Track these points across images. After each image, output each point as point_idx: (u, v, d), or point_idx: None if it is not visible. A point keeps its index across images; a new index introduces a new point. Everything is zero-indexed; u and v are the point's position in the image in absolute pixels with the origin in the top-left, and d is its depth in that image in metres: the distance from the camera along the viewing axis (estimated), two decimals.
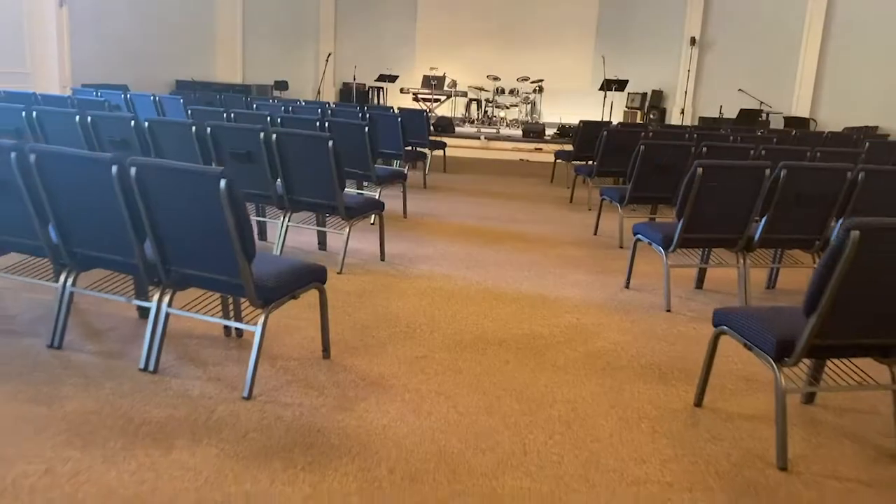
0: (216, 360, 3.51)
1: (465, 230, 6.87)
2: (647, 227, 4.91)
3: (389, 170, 7.17)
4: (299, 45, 16.91)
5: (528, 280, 5.24)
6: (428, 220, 7.26)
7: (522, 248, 6.24)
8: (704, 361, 3.30)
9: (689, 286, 5.28)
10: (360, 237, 6.09)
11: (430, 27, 17.65)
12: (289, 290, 3.27)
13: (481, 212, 7.85)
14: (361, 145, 6.65)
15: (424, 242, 6.26)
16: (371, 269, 5.28)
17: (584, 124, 9.64)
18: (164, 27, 14.20)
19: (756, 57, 15.28)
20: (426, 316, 4.33)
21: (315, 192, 5.15)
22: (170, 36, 14.35)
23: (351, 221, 5.16)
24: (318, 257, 5.54)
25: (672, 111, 16.41)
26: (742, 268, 4.81)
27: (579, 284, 5.21)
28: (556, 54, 17.07)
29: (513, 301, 4.72)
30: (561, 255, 6.10)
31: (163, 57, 14.23)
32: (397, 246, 6.04)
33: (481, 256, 5.88)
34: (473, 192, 9.09)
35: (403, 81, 16.29)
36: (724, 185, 4.55)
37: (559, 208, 8.33)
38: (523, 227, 7.18)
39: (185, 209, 3.08)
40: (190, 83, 13.92)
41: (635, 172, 6.26)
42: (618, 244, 6.51)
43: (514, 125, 15.48)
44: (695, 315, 4.65)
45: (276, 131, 5.07)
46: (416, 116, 10.10)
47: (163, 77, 14.31)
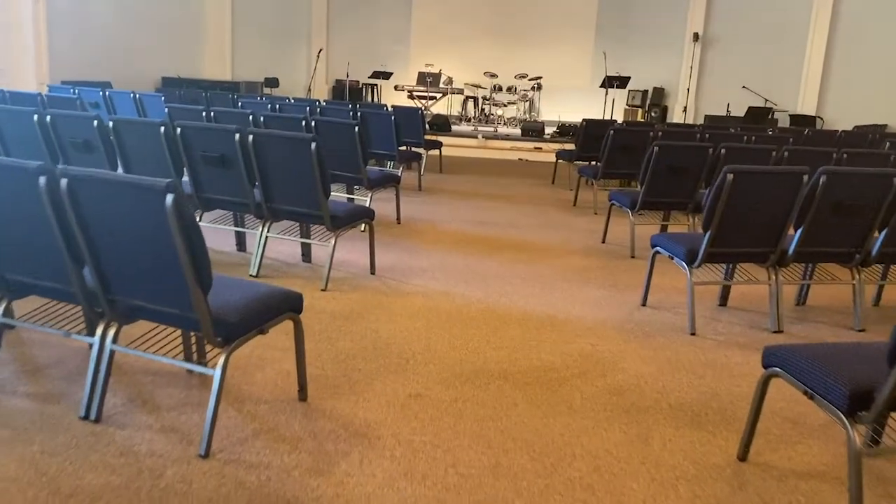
0: (174, 403, 2.96)
1: (463, 237, 6.32)
2: (668, 240, 4.37)
3: (382, 172, 6.61)
4: (291, 42, 16.32)
5: (534, 297, 4.69)
6: (423, 226, 6.71)
7: (526, 259, 5.69)
8: (751, 408, 2.75)
9: (711, 303, 4.74)
10: (350, 247, 5.54)
11: (425, 22, 17.07)
12: (255, 325, 2.71)
13: (480, 216, 7.30)
14: (351, 146, 6.10)
15: (419, 252, 5.71)
16: (360, 285, 4.72)
17: (588, 123, 9.09)
18: (150, 22, 13.61)
19: (760, 53, 14.75)
20: (421, 342, 3.78)
21: (297, 200, 4.59)
22: (156, 31, 13.76)
23: (337, 232, 4.61)
24: (301, 270, 4.98)
25: (674, 109, 15.87)
26: (774, 284, 4.27)
27: (591, 302, 4.66)
28: (554, 51, 16.52)
29: (518, 323, 4.17)
30: (568, 266, 5.55)
31: (148, 53, 13.64)
32: (390, 256, 5.49)
33: (482, 268, 5.33)
34: (471, 195, 8.54)
35: (398, 79, 15.73)
36: (757, 193, 4.00)
37: (563, 212, 7.78)
38: (525, 233, 6.63)
39: (129, 229, 2.52)
40: (176, 80, 13.32)
41: (648, 176, 5.72)
42: (629, 253, 5.97)
43: (512, 123, 14.93)
44: (723, 339, 4.10)
45: (254, 133, 4.51)
46: (411, 115, 9.54)
47: (148, 74, 13.73)
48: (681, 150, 5.77)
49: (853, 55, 14.04)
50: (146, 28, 13.46)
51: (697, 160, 5.77)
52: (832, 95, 14.39)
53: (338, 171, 6.38)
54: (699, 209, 5.97)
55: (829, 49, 14.25)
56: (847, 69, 14.15)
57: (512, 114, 15.34)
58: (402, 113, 9.61)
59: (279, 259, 5.23)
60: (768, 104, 14.37)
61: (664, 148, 5.66)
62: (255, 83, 14.67)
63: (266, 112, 7.82)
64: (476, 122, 14.96)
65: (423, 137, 9.64)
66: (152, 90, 12.79)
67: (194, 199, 4.89)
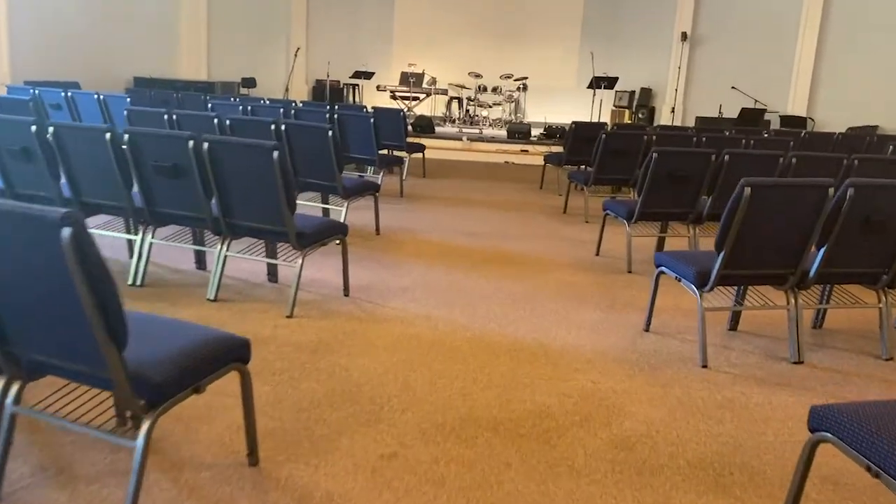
0: (95, 472, 2.42)
1: (446, 250, 5.80)
2: (675, 259, 3.88)
3: (359, 181, 6.08)
4: (269, 40, 15.72)
5: (524, 320, 4.19)
6: (404, 236, 6.19)
7: (514, 274, 5.19)
8: (795, 479, 2.25)
9: (721, 327, 4.25)
10: (322, 263, 5.00)
11: (408, 21, 16.54)
12: (189, 383, 2.18)
13: (465, 225, 6.78)
14: (325, 153, 5.57)
15: (399, 268, 5.19)
16: (331, 310, 4.19)
17: (577, 126, 8.61)
18: (122, 20, 12.98)
19: (750, 53, 14.33)
20: (398, 382, 3.26)
21: (258, 216, 4.05)
22: (128, 30, 13.13)
23: (304, 251, 4.08)
24: (266, 292, 4.45)
25: (661, 110, 15.43)
26: (793, 309, 3.79)
27: (588, 326, 4.16)
28: (540, 50, 16.04)
29: (508, 354, 3.67)
30: (560, 282, 5.05)
31: (120, 52, 13.01)
32: (366, 274, 4.97)
33: (467, 286, 4.82)
34: (456, 201, 8.03)
35: (380, 78, 15.19)
36: (777, 208, 3.52)
37: (552, 220, 7.29)
38: (513, 244, 6.13)
39: (22, 269, 1.99)
40: (148, 80, 12.71)
41: (646, 185, 5.24)
42: (625, 267, 5.48)
43: (497, 125, 14.43)
44: (738, 372, 3.61)
45: (209, 140, 3.97)
46: (392, 116, 9.02)
47: (120, 74, 13.10)
48: (681, 156, 5.29)
49: (843, 55, 13.66)
50: (118, 26, 12.83)
51: (699, 168, 5.29)
52: (822, 96, 14.02)
53: (311, 180, 5.85)
54: (700, 220, 5.51)
55: (819, 49, 13.87)
56: (837, 70, 13.78)
57: (497, 115, 14.84)
58: (382, 115, 9.09)
59: (242, 278, 4.69)
60: (758, 105, 13.96)
61: (664, 155, 5.18)
62: (231, 83, 14.07)
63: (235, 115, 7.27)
64: (461, 123, 14.46)
65: (405, 140, 9.13)
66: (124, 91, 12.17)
67: (145, 214, 4.34)
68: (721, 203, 5.44)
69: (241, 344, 2.40)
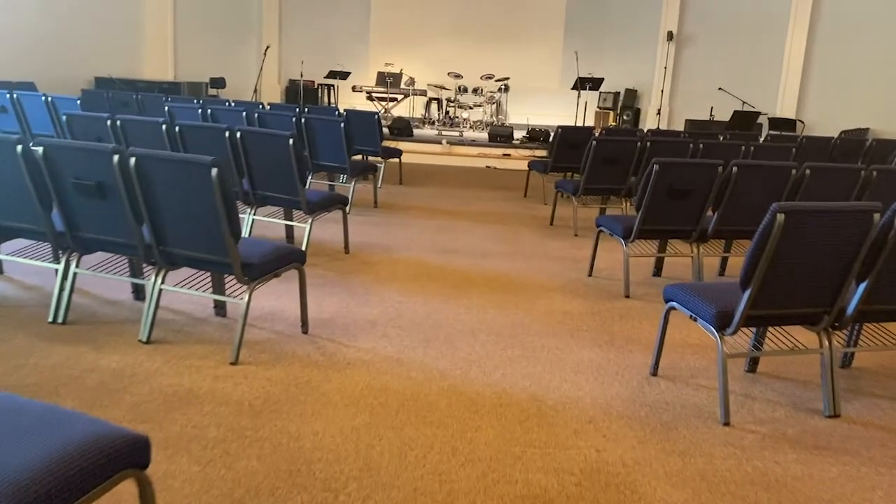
0: None
1: (423, 271, 5.18)
2: (689, 295, 3.28)
3: (325, 194, 5.44)
4: (239, 39, 14.99)
5: (512, 364, 3.58)
6: (377, 255, 5.55)
7: (499, 301, 4.57)
8: None
9: (737, 370, 3.67)
10: (280, 290, 4.36)
11: (385, 19, 15.87)
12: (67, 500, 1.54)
13: (444, 241, 6.17)
14: (285, 163, 4.93)
15: (369, 294, 4.56)
16: (285, 352, 3.55)
17: (563, 130, 8.02)
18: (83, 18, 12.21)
19: (738, 54, 13.86)
20: (359, 457, 2.63)
21: (197, 244, 3.40)
22: (89, 28, 12.35)
23: (252, 286, 3.43)
24: (210, 330, 3.79)
25: (647, 112, 14.92)
26: (827, 353, 3.21)
27: (586, 369, 3.56)
28: (522, 50, 15.46)
29: (494, 411, 3.05)
30: (551, 311, 4.45)
31: (81, 52, 12.22)
32: (331, 302, 4.33)
33: (445, 318, 4.20)
34: (434, 212, 7.41)
35: (356, 79, 14.53)
36: (814, 237, 2.94)
37: (538, 234, 6.68)
38: (498, 263, 5.52)
39: None
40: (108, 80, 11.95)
41: (647, 200, 4.65)
42: (623, 291, 4.88)
43: (478, 127, 13.82)
44: (766, 430, 3.03)
45: (137, 154, 3.31)
46: (366, 120, 8.38)
47: (81, 74, 12.30)
48: (685, 168, 4.71)
49: (833, 56, 13.23)
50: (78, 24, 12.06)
51: (704, 180, 4.72)
52: (812, 98, 13.58)
53: (271, 193, 5.21)
54: (704, 238, 4.93)
55: (808, 49, 13.42)
56: (827, 71, 13.34)
57: (478, 116, 14.21)
58: (355, 118, 8.46)
59: (186, 311, 4.03)
60: (746, 107, 13.48)
61: (665, 167, 4.59)
62: (199, 84, 13.33)
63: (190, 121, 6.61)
64: (440, 125, 13.83)
65: (380, 145, 8.50)
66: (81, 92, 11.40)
67: (67, 239, 3.67)
68: (729, 219, 4.90)
69: (136, 445, 1.75)
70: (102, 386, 3.05)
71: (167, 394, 3.03)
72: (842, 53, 13.12)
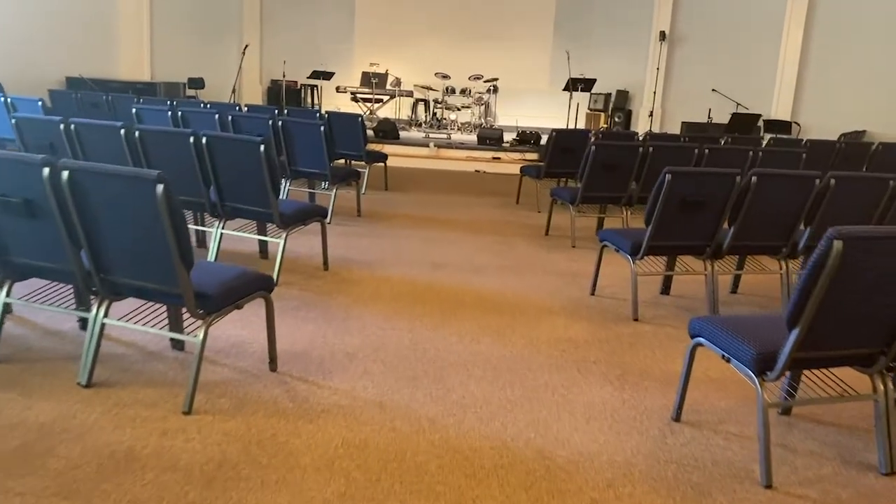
0: None
1: (410, 291, 4.67)
2: (722, 331, 2.78)
3: (301, 206, 4.91)
4: (219, 38, 14.38)
5: (513, 408, 3.07)
6: (358, 272, 5.03)
7: (495, 327, 4.07)
8: None
9: (771, 413, 3.18)
10: (246, 316, 3.83)
11: (370, 17, 15.32)
12: None
13: (432, 254, 5.66)
14: (256, 172, 4.40)
15: (349, 320, 4.04)
16: (248, 397, 3.03)
17: (558, 134, 7.54)
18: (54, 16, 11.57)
19: (732, 54, 13.42)
20: None
21: (142, 271, 2.87)
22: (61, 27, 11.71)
23: (209, 319, 2.91)
24: (164, 368, 3.25)
25: (639, 113, 14.46)
26: (882, 399, 2.73)
27: (599, 415, 3.06)
28: (511, 50, 14.96)
29: (494, 475, 2.54)
30: (554, 338, 3.95)
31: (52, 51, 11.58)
32: (306, 331, 3.81)
33: (435, 348, 3.69)
34: (421, 221, 6.89)
35: (340, 79, 13.97)
36: (875, 267, 2.45)
37: (534, 245, 6.18)
38: (491, 280, 5.01)
39: None
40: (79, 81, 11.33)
41: (658, 213, 4.16)
42: (631, 313, 4.39)
43: (466, 129, 13.31)
44: (815, 495, 2.54)
45: (70, 167, 2.78)
46: (349, 122, 7.87)
47: (52, 74, 11.66)
48: (700, 178, 4.22)
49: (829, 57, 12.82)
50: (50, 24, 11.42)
51: (721, 191, 4.24)
52: (807, 100, 13.16)
53: (240, 205, 4.68)
54: (720, 253, 4.45)
55: (804, 50, 13.01)
56: (823, 72, 12.94)
57: (466, 118, 13.68)
58: (337, 120, 7.94)
59: (139, 344, 3.50)
60: (740, 109, 13.05)
61: (679, 177, 4.10)
62: (176, 84, 12.72)
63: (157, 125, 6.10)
64: (427, 127, 13.31)
65: (364, 149, 7.98)
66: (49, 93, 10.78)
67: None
68: (746, 234, 4.42)
69: None
70: (24, 449, 2.52)
71: (102, 456, 2.50)
72: (837, 54, 12.73)
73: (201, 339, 2.86)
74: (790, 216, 4.43)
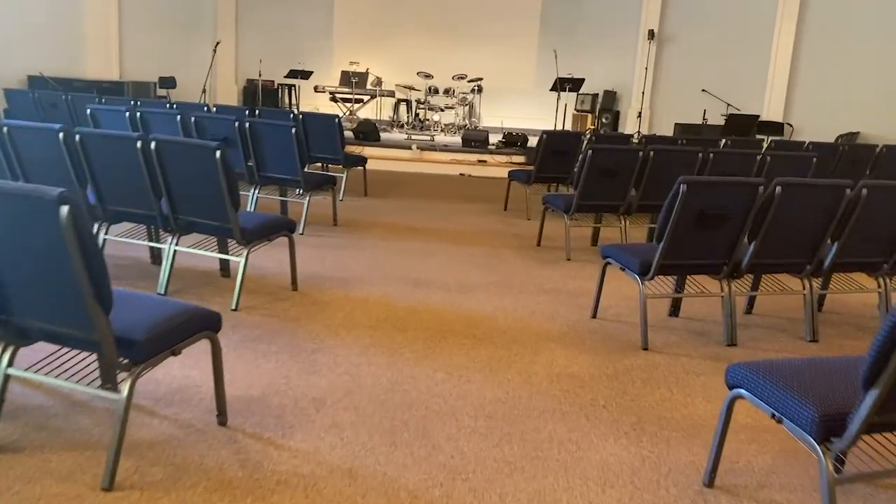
0: None
1: (389, 315, 4.10)
2: (767, 381, 2.23)
3: (266, 220, 4.31)
4: (193, 36, 13.69)
5: (512, 473, 2.50)
6: (332, 293, 4.45)
7: (487, 360, 3.51)
8: None
9: (812, 468, 2.65)
10: (197, 355, 3.23)
11: (350, 15, 14.70)
12: None
13: (414, 270, 5.09)
14: (212, 181, 3.81)
15: (317, 355, 3.46)
16: (187, 461, 2.44)
17: (548, 136, 7.01)
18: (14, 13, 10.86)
19: (722, 53, 12.96)
20: None
21: (52, 313, 2.28)
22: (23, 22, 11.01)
23: (136, 371, 2.31)
24: (95, 418, 2.64)
25: (627, 114, 13.97)
26: None
27: (615, 479, 2.50)
28: (495, 49, 14.40)
29: None
30: (554, 373, 3.40)
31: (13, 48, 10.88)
32: (265, 370, 3.23)
33: (417, 391, 3.12)
34: (403, 231, 6.32)
35: (319, 78, 13.35)
36: None
37: (526, 258, 5.64)
38: (480, 301, 4.45)
39: None
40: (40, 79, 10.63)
41: (671, 228, 3.62)
42: (638, 341, 3.84)
43: (450, 131, 12.74)
44: None
45: None
46: (326, 123, 7.29)
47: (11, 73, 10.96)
48: (719, 189, 3.68)
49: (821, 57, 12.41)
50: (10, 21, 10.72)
51: (742, 203, 3.71)
52: (799, 100, 12.74)
53: (197, 219, 4.09)
54: (738, 272, 3.92)
55: (796, 50, 12.58)
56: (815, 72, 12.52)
57: (450, 119, 13.11)
58: (313, 121, 7.35)
59: (61, 393, 2.89)
60: (731, 109, 12.60)
61: (696, 187, 3.57)
62: (146, 83, 12.04)
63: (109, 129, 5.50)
64: (409, 128, 12.73)
65: (341, 152, 7.40)
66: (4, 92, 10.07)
67: None
68: (769, 251, 3.90)
69: None
70: None
71: None
72: (830, 54, 12.32)
73: (125, 396, 2.27)
74: (817, 230, 3.92)
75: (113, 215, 4.36)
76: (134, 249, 4.92)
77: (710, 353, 3.79)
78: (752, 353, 3.83)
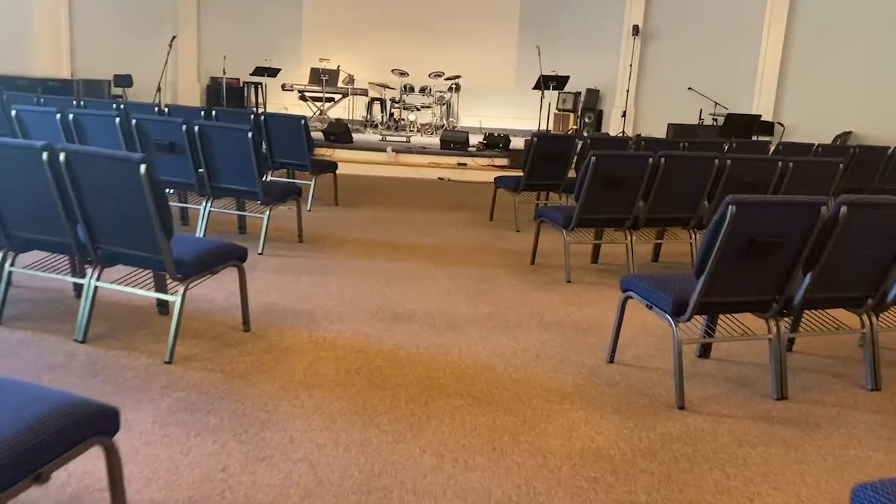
0: None
1: (362, 366, 3.28)
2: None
3: (207, 248, 3.45)
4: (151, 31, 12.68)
5: None
6: (291, 335, 3.62)
7: (489, 434, 2.71)
8: None
9: None
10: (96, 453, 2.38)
11: (320, 9, 13.78)
12: None
13: (391, 298, 4.27)
14: (137, 201, 2.96)
15: (267, 432, 2.63)
16: None
17: (539, 139, 6.24)
18: None
19: (709, 51, 12.33)
20: None
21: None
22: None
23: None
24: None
25: (611, 114, 13.28)
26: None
27: None
28: (474, 45, 13.61)
29: None
30: (575, 452, 2.61)
31: None
32: (195, 458, 2.39)
33: (399, 486, 2.31)
34: (377, 248, 5.50)
35: (287, 76, 12.45)
36: None
37: (520, 280, 4.85)
38: (473, 341, 3.65)
39: None
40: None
41: (715, 259, 2.84)
42: (673, 397, 3.06)
43: (426, 131, 11.92)
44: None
45: None
46: (291, 125, 6.46)
47: None
48: (775, 211, 2.92)
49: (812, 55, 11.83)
50: None
51: (800, 229, 2.95)
52: (789, 99, 12.15)
53: (120, 249, 3.22)
54: (790, 309, 3.16)
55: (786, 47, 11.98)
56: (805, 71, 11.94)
57: (427, 119, 12.27)
58: (276, 123, 6.51)
59: None
60: (718, 109, 11.96)
61: (748, 209, 2.80)
62: (99, 82, 11.06)
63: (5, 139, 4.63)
64: (384, 129, 11.89)
65: (309, 158, 6.56)
66: None
67: None
68: (827, 283, 3.15)
69: None
70: None
71: None
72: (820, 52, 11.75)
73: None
74: (882, 258, 3.18)
75: (20, 243, 3.49)
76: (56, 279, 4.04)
77: (759, 411, 3.03)
78: (807, 408, 3.07)
